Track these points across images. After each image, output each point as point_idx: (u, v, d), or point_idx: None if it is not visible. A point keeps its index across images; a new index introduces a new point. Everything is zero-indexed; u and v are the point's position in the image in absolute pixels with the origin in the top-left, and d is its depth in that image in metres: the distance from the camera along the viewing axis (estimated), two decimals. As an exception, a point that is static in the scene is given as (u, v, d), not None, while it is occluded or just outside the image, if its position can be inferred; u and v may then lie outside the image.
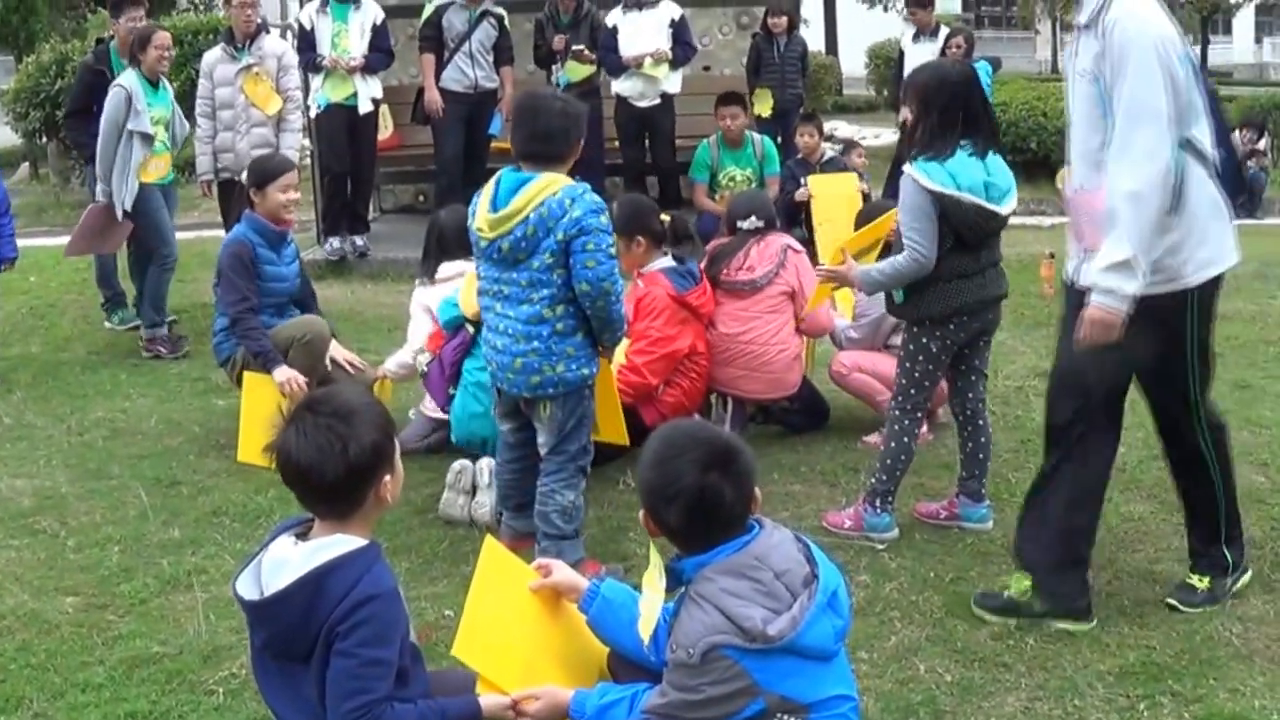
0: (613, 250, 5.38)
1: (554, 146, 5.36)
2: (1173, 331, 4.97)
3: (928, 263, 5.69)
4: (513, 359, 5.40)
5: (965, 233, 5.65)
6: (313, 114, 12.32)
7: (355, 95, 12.12)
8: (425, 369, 7.13)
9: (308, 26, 12.17)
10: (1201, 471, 5.30)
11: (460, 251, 7.10)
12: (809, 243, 11.55)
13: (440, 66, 12.53)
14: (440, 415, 7.26)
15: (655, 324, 6.94)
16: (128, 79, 9.62)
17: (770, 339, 7.26)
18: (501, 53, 12.76)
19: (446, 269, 7.46)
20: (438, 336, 7.15)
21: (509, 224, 5.24)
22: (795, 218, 11.91)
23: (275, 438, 3.29)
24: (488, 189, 5.42)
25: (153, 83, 9.75)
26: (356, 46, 12.07)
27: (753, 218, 7.44)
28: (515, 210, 5.22)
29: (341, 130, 12.21)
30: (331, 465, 3.23)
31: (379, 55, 12.29)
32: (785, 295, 7.31)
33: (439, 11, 12.45)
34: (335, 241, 12.67)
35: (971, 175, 5.60)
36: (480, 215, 5.36)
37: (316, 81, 12.09)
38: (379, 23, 12.29)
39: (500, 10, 12.71)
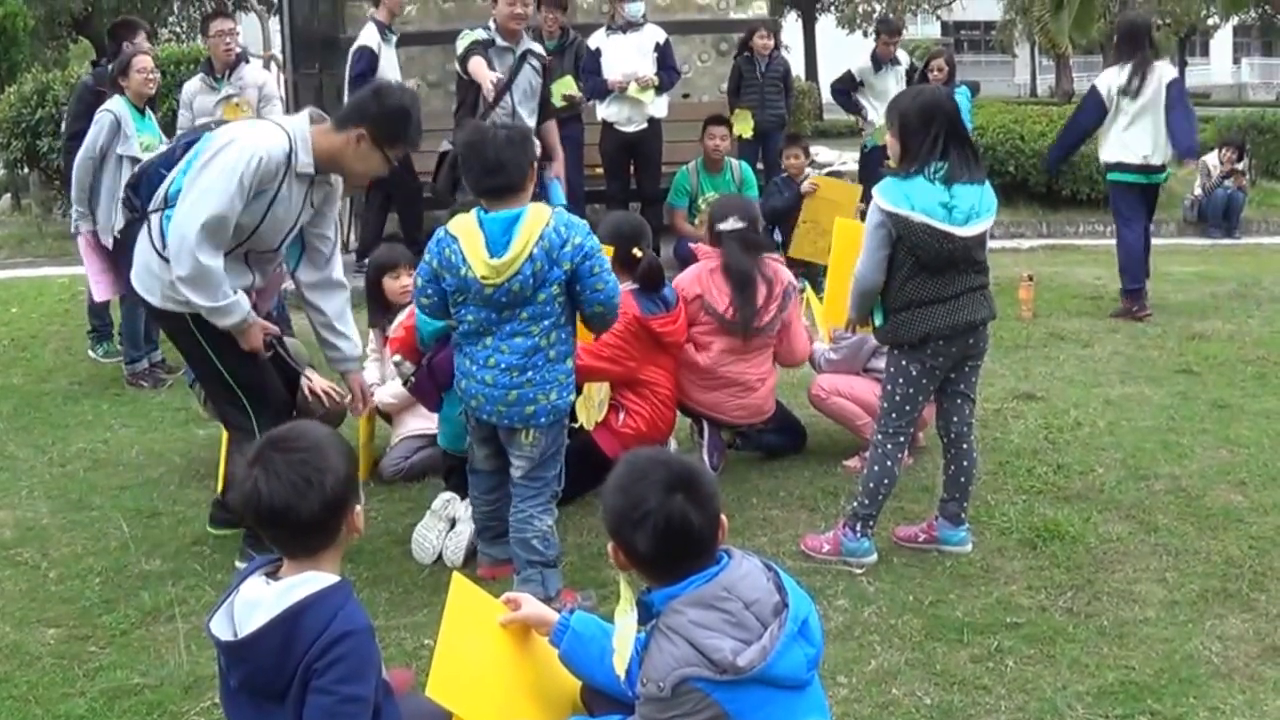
0: (609, 264, 5.44)
1: (511, 176, 5.32)
2: None
3: (864, 279, 5.81)
4: (506, 392, 5.40)
5: (920, 254, 5.66)
6: None
7: None
8: (412, 378, 7.06)
9: (376, 51, 12.11)
10: None
11: None
12: (782, 245, 11.77)
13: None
14: (424, 430, 7.29)
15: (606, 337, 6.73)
16: (115, 105, 9.60)
17: (758, 370, 7.33)
18: (544, 103, 10.65)
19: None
20: (406, 342, 6.99)
21: (516, 265, 5.21)
22: (773, 224, 12.01)
23: (240, 483, 3.29)
24: (474, 236, 5.29)
25: (139, 109, 9.74)
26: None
27: (732, 219, 7.38)
28: (520, 250, 5.20)
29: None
30: (307, 502, 3.24)
31: None
32: (780, 331, 7.37)
33: (472, 50, 9.92)
34: None
35: (927, 197, 5.61)
36: (476, 264, 5.25)
37: None
38: None
39: (540, 49, 10.65)
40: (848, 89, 14.78)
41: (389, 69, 12.20)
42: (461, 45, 9.94)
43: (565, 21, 12.71)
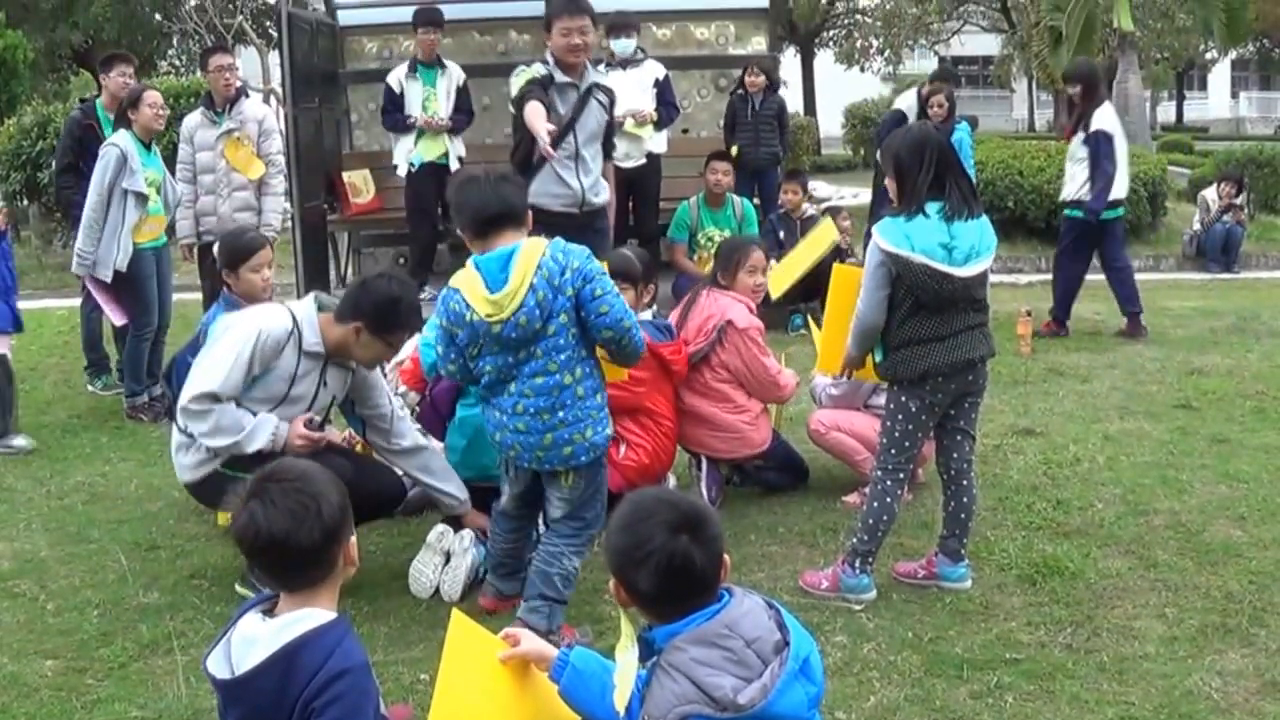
0: (615, 288, 5.40)
1: (507, 207, 5.32)
2: None
3: (865, 318, 5.83)
4: (541, 436, 5.34)
5: (919, 294, 5.67)
6: (402, 172, 12.77)
7: (447, 154, 12.58)
8: (416, 408, 7.09)
9: (397, 90, 12.63)
10: None
11: None
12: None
13: (528, 171, 8.41)
14: None
15: None
16: (121, 139, 9.60)
17: (723, 405, 7.32)
18: (605, 140, 9.20)
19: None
20: (413, 374, 7.07)
21: (517, 298, 5.15)
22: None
23: (237, 515, 3.29)
24: (472, 279, 5.27)
25: (145, 143, 9.76)
26: (444, 108, 12.63)
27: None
28: (519, 283, 5.14)
29: (434, 186, 12.42)
30: (306, 530, 3.23)
31: (462, 116, 12.81)
32: (726, 369, 7.32)
33: (528, 93, 8.45)
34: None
35: (928, 237, 5.62)
36: (478, 304, 5.21)
37: (408, 142, 12.64)
38: (461, 85, 12.82)
39: (607, 81, 9.38)
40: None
41: (414, 103, 12.57)
42: (516, 84, 8.57)
43: None
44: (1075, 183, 12.08)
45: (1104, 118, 11.99)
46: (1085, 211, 12.00)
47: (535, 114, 8.11)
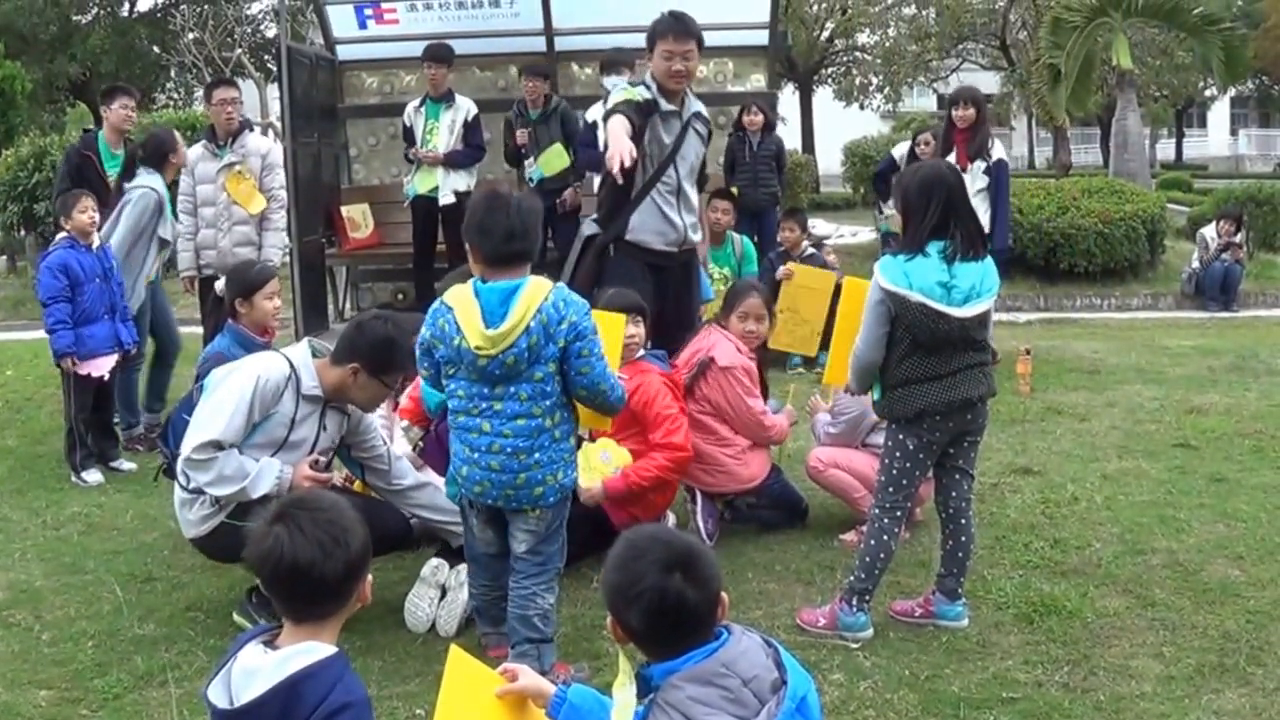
0: (601, 349, 5.40)
1: (528, 244, 5.29)
2: None
3: (863, 355, 5.84)
4: (514, 475, 5.32)
5: (916, 332, 5.68)
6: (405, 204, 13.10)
7: (437, 188, 12.61)
8: (420, 444, 7.08)
9: (407, 123, 12.85)
10: None
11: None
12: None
13: (626, 205, 7.79)
14: None
15: (665, 403, 6.95)
16: (158, 183, 9.70)
17: (704, 434, 7.33)
18: (700, 172, 8.33)
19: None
20: (415, 410, 7.09)
21: (512, 337, 5.13)
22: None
23: (259, 540, 3.27)
24: (469, 305, 5.22)
25: (168, 186, 9.87)
26: (444, 142, 12.64)
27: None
28: (517, 322, 5.12)
29: (422, 220, 12.83)
30: (332, 562, 3.22)
31: (467, 150, 12.75)
32: (708, 403, 7.37)
33: (620, 110, 7.38)
34: None
35: (927, 276, 5.63)
36: (473, 334, 5.18)
37: (410, 174, 12.92)
38: (470, 119, 12.79)
39: (704, 109, 8.20)
40: (889, 175, 14.72)
41: (418, 136, 12.71)
42: (613, 101, 7.60)
43: (547, 90, 12.80)
44: (981, 217, 11.76)
45: (999, 147, 12.02)
46: (995, 251, 12.11)
47: (619, 126, 7.15)
